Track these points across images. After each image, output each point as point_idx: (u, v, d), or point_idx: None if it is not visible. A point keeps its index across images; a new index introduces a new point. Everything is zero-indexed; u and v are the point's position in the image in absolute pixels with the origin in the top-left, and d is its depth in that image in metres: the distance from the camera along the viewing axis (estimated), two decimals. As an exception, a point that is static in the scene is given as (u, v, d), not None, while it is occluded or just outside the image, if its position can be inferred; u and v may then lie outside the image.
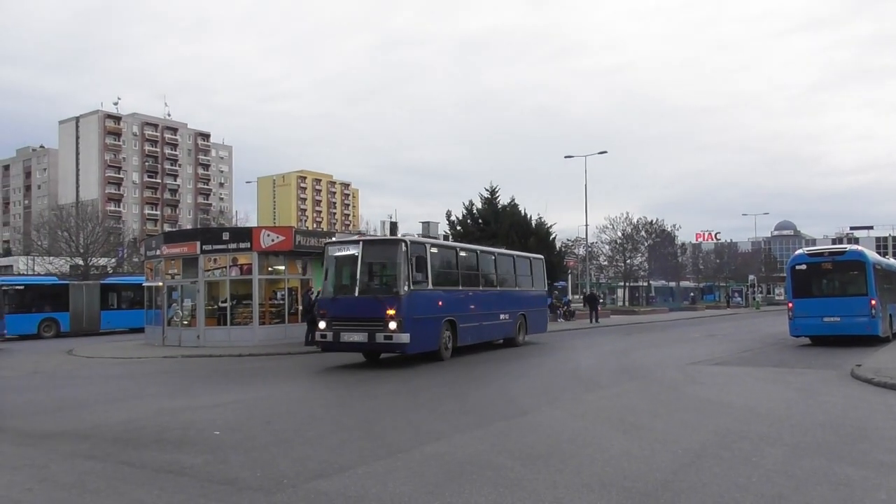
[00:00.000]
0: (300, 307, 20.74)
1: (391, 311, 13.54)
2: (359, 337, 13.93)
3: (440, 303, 15.30)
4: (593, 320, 33.94)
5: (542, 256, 23.21)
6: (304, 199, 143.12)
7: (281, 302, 21.72)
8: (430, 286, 14.83)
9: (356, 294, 14.07)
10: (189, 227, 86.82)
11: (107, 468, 6.26)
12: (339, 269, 14.97)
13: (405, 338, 13.66)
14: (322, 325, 14.35)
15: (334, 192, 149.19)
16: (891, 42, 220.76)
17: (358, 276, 14.14)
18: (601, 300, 45.74)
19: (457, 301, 16.21)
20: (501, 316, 18.68)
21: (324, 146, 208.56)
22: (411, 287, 13.91)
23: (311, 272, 21.53)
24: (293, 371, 14.50)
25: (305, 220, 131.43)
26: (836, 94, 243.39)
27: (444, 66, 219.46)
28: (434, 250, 15.34)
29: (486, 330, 17.96)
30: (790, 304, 18.35)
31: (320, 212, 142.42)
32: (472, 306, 16.99)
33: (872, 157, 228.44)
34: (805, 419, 8.15)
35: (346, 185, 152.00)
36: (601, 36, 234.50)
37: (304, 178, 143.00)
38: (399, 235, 17.19)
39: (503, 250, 20.71)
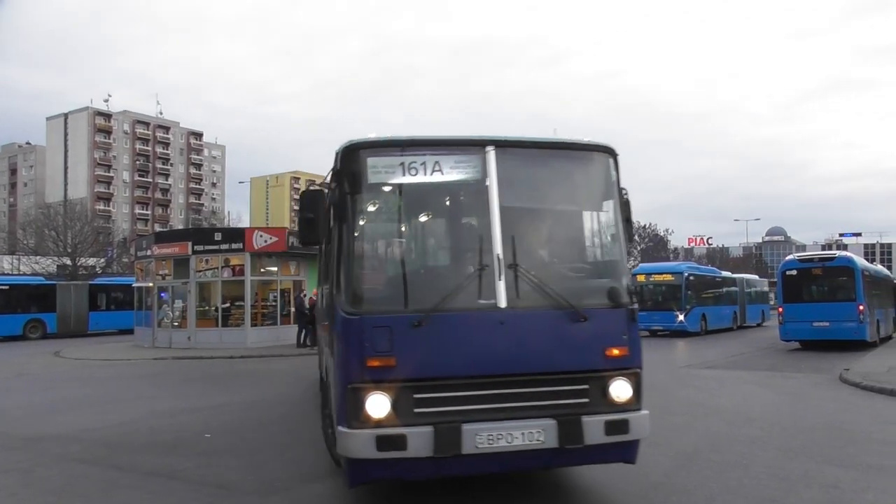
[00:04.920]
0: (293, 309, 20.70)
1: (619, 350, 4.87)
2: (533, 437, 4.54)
3: None
4: None
5: None
6: (298, 200, 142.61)
7: (273, 304, 21.70)
8: None
9: (503, 304, 4.62)
10: (180, 227, 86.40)
11: (96, 472, 6.22)
12: (427, 227, 5.60)
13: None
14: (377, 402, 4.43)
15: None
16: (875, 53, 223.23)
17: (499, 247, 4.70)
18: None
19: None
20: None
21: (319, 148, 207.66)
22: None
23: (306, 273, 21.50)
24: (286, 373, 14.42)
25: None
26: (824, 102, 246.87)
27: (439, 70, 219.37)
28: None
29: None
30: (780, 309, 18.48)
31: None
32: None
33: (859, 164, 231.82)
34: (795, 423, 8.20)
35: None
36: (591, 42, 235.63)
37: (298, 178, 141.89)
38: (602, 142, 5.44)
39: None
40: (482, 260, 4.64)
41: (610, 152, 5.28)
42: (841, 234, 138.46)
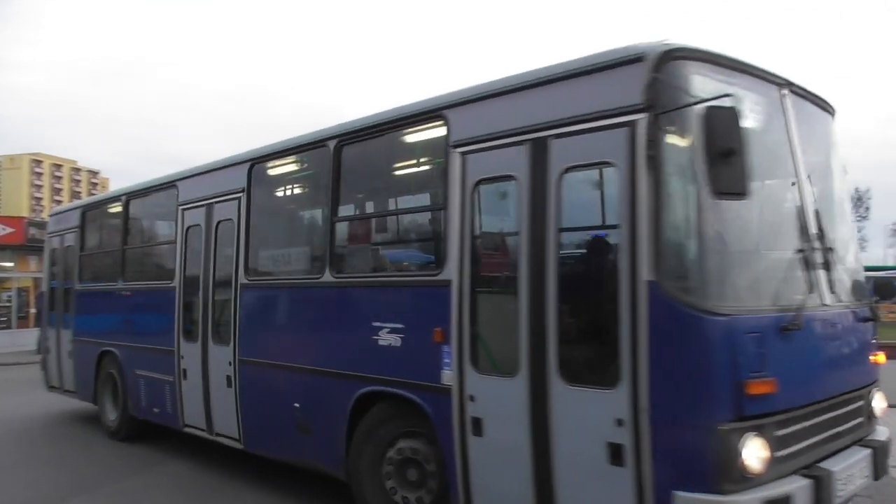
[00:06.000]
0: (33, 310, 18.47)
1: (877, 357, 4.22)
2: (863, 473, 3.63)
3: None
4: None
5: None
6: (41, 187, 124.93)
7: (8, 304, 19.52)
8: None
9: (828, 300, 3.55)
10: None
11: None
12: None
13: None
14: (756, 449, 2.99)
15: (79, 181, 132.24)
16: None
17: (814, 223, 3.65)
18: None
19: None
20: None
21: (66, 128, 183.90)
22: None
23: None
24: (24, 383, 12.53)
25: (41, 211, 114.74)
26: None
27: (206, 56, 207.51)
28: None
29: None
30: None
31: (61, 201, 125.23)
32: None
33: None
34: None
35: (95, 174, 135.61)
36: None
37: (40, 161, 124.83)
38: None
39: None
40: (802, 240, 3.48)
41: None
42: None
